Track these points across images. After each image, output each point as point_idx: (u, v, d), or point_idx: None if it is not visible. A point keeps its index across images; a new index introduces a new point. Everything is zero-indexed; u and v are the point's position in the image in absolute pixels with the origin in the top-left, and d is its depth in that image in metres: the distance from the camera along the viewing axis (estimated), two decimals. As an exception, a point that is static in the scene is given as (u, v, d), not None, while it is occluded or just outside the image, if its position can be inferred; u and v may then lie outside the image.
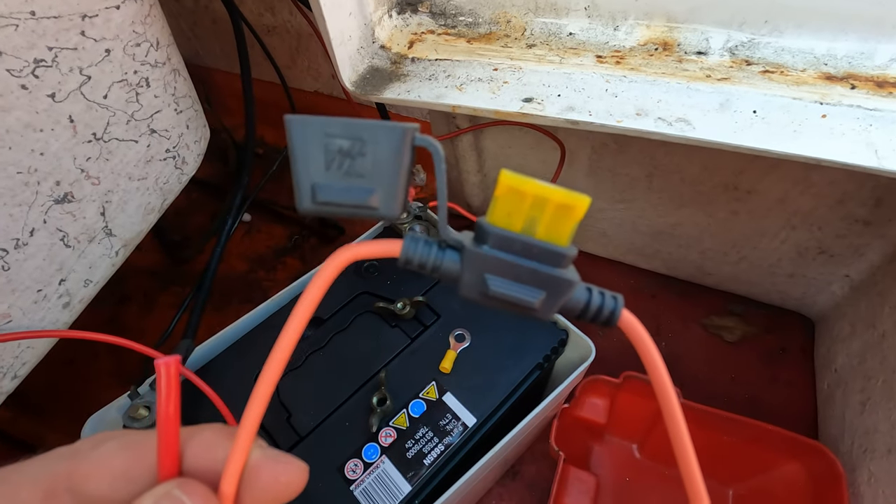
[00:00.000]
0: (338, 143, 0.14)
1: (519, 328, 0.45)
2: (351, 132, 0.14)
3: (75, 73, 0.32)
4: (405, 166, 0.14)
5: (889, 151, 0.26)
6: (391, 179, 0.15)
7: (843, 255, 0.59)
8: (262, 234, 0.88)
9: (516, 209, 0.14)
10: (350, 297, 0.48)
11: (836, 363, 0.59)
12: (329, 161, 0.14)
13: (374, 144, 0.14)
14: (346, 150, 0.14)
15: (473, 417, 0.40)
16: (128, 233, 0.40)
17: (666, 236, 0.68)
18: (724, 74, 0.32)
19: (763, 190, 0.56)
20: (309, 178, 0.15)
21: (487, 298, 0.15)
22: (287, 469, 0.14)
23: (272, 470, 0.13)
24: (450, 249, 0.15)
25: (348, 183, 0.15)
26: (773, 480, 0.53)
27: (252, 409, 0.14)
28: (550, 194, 0.14)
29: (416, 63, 0.38)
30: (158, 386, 0.14)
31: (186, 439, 0.14)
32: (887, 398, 0.48)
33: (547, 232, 0.14)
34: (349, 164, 0.14)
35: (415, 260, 0.15)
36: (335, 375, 0.43)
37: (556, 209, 0.14)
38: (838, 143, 0.27)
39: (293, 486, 0.14)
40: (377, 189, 0.15)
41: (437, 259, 0.15)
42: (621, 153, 0.59)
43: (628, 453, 0.59)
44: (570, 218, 0.14)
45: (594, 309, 0.15)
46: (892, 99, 0.28)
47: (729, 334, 0.68)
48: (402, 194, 0.15)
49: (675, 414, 0.16)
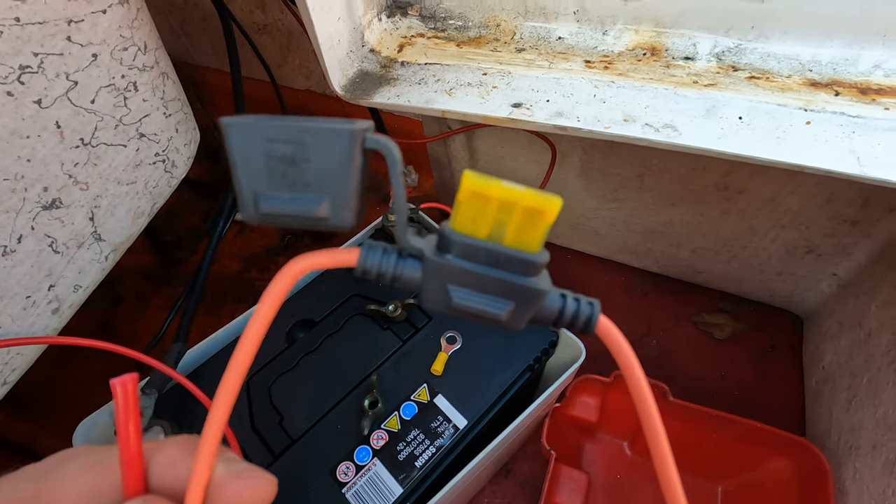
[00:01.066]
0: (280, 148, 0.13)
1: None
2: (293, 136, 0.13)
3: (62, 79, 0.32)
4: (356, 172, 0.13)
5: (871, 158, 0.27)
6: (341, 187, 0.13)
7: (830, 254, 0.59)
8: (254, 233, 0.88)
9: (481, 214, 0.13)
10: (342, 299, 0.48)
11: (823, 361, 0.60)
12: (271, 168, 0.13)
13: (319, 149, 0.13)
14: (290, 157, 0.13)
15: (465, 419, 0.41)
16: (117, 237, 0.40)
17: (657, 235, 0.68)
18: (711, 80, 0.32)
19: (753, 189, 0.57)
20: (250, 188, 0.13)
21: (450, 309, 0.14)
22: (251, 484, 0.13)
23: (235, 486, 0.13)
24: (410, 259, 0.14)
25: (294, 192, 0.13)
26: (761, 477, 0.54)
27: (211, 425, 0.13)
28: (518, 198, 0.13)
29: (405, 67, 0.38)
30: (116, 406, 0.13)
31: (150, 456, 0.14)
32: (873, 395, 0.48)
33: (516, 238, 0.13)
34: (294, 172, 0.13)
35: (372, 270, 0.14)
36: (327, 378, 0.43)
37: (524, 214, 0.13)
38: (822, 150, 0.28)
39: (259, 500, 0.13)
40: (326, 198, 0.13)
41: (397, 269, 0.14)
42: (612, 154, 0.60)
43: (619, 451, 0.60)
44: (541, 222, 0.13)
45: (569, 317, 0.14)
46: (874, 106, 0.29)
47: (719, 332, 0.69)
48: (356, 202, 0.14)
49: (652, 418, 0.16)
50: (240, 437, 0.40)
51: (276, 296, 0.14)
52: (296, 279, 0.14)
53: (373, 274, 0.14)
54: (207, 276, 0.54)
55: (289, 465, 0.39)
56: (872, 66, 0.30)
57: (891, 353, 0.48)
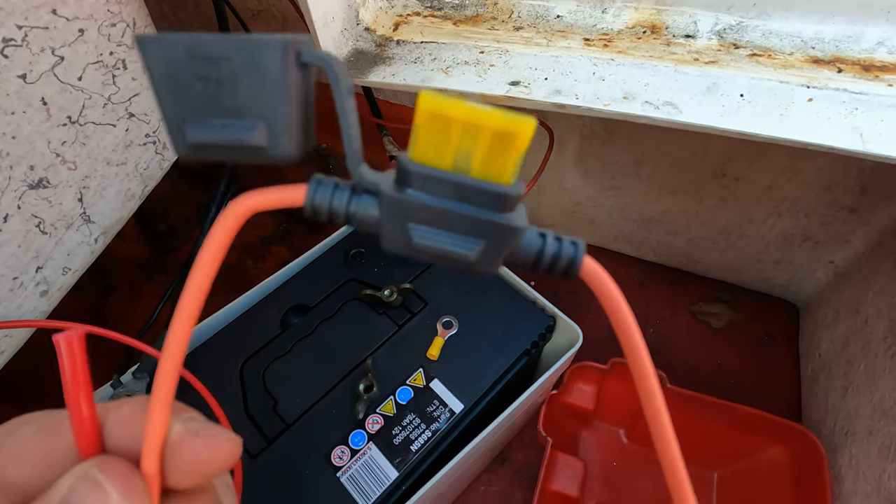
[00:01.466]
0: (205, 67, 0.11)
1: (507, 315, 0.45)
2: (219, 52, 0.11)
3: (47, 54, 0.31)
4: (293, 91, 0.12)
5: (874, 135, 0.26)
6: (277, 110, 0.12)
7: (828, 242, 0.59)
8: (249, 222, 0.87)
9: (444, 141, 0.11)
10: (337, 284, 0.47)
11: (820, 348, 0.60)
12: (198, 91, 0.12)
13: (249, 67, 0.11)
14: (217, 77, 0.11)
15: (461, 404, 0.40)
16: (107, 219, 0.39)
17: (655, 224, 0.68)
18: (712, 58, 0.32)
19: (751, 177, 0.56)
20: (176, 115, 0.12)
21: (412, 251, 0.13)
22: (209, 444, 0.13)
23: (192, 445, 0.12)
24: (366, 194, 0.13)
25: (225, 118, 0.12)
26: (756, 463, 0.54)
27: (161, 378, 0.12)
28: (484, 119, 0.11)
29: (401, 46, 0.37)
30: (61, 364, 0.12)
31: (105, 416, 0.13)
32: (869, 382, 0.48)
33: (484, 167, 0.12)
34: (224, 95, 0.12)
35: (323, 208, 0.12)
36: (322, 363, 0.43)
37: (493, 138, 0.11)
38: (824, 127, 0.27)
39: (219, 461, 0.13)
40: (261, 123, 0.12)
41: (350, 207, 0.12)
42: (610, 140, 0.59)
43: (616, 438, 0.60)
44: (513, 148, 0.11)
45: (549, 258, 0.13)
46: (877, 83, 0.28)
47: (716, 321, 0.69)
48: (297, 128, 0.12)
49: (644, 367, 0.14)
50: (233, 421, 0.39)
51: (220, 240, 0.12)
52: (241, 221, 0.12)
53: (324, 212, 0.13)
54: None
55: (283, 450, 0.39)
56: (876, 43, 0.30)
57: (887, 340, 0.48)
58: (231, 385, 0.42)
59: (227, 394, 0.41)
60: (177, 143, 0.12)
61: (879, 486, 0.43)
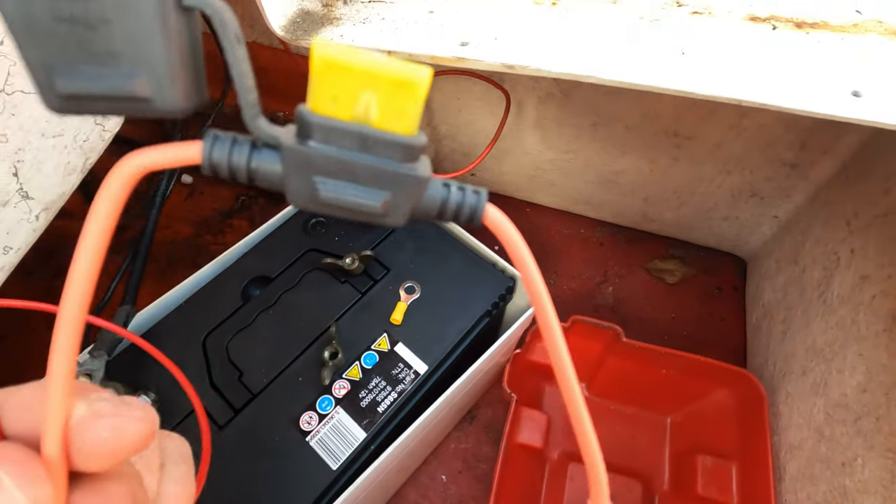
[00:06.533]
0: (67, 6, 0.10)
1: (468, 278, 0.46)
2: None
3: (-38, 16, 0.29)
4: (174, 34, 0.11)
5: (802, 90, 0.28)
6: (156, 56, 0.11)
7: (772, 197, 0.62)
8: (205, 196, 0.84)
9: (343, 91, 0.11)
10: (297, 254, 0.47)
11: (763, 298, 0.64)
12: (65, 35, 0.10)
13: (120, 6, 0.10)
14: (83, 18, 0.10)
15: (425, 365, 0.41)
16: (48, 195, 0.37)
17: (612, 185, 0.70)
18: (656, 16, 0.33)
19: (701, 136, 0.58)
20: (41, 63, 0.11)
21: (321, 206, 0.12)
22: (113, 424, 0.12)
23: (94, 427, 0.12)
24: (267, 149, 0.12)
25: (98, 66, 0.11)
26: (705, 406, 0.58)
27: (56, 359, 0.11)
28: (380, 69, 0.11)
29: (349, 5, 0.36)
30: None
31: (2, 402, 0.12)
32: (804, 326, 0.52)
33: (385, 118, 0.12)
34: (93, 38, 0.10)
35: (222, 165, 0.12)
36: (286, 333, 0.43)
37: (391, 88, 0.11)
38: (759, 83, 0.28)
39: (126, 442, 0.12)
40: (141, 72, 0.11)
41: (252, 163, 0.12)
42: (567, 103, 0.60)
43: (577, 391, 0.63)
44: (412, 98, 0.11)
45: (453, 208, 0.13)
46: (808, 39, 0.30)
47: (670, 276, 0.72)
48: (184, 77, 0.11)
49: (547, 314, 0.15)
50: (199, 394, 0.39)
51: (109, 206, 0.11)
52: (132, 182, 0.11)
53: (224, 169, 0.12)
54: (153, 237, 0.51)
55: (251, 419, 0.39)
56: (807, 1, 0.31)
57: (820, 287, 0.51)
58: (194, 358, 0.41)
59: (191, 367, 0.41)
60: (46, 96, 0.11)
61: (810, 419, 0.47)
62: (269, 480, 0.37)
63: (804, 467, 0.46)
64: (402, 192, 0.12)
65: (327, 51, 0.11)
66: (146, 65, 0.11)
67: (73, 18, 0.10)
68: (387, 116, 0.12)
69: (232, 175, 0.12)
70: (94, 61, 0.11)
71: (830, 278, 0.50)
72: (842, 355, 0.45)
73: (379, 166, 0.12)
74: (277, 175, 0.12)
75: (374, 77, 0.11)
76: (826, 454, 0.43)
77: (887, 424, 0.38)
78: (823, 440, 0.44)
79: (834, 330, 0.47)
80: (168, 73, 0.11)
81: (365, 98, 0.11)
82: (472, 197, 0.13)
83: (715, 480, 0.52)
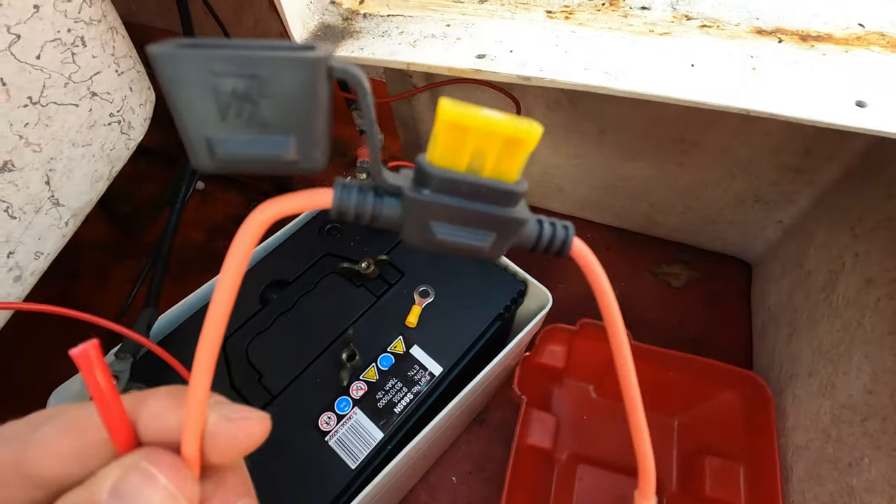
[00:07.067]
0: (230, 83, 0.11)
1: (480, 282, 0.47)
2: (245, 68, 0.11)
3: (2, 32, 0.30)
4: (323, 106, 0.12)
5: (808, 101, 0.29)
6: (307, 125, 0.12)
7: (776, 202, 0.63)
8: (217, 202, 0.86)
9: (460, 145, 0.12)
10: (313, 259, 0.48)
11: (769, 301, 0.65)
12: (224, 107, 0.11)
13: (277, 82, 0.11)
14: (243, 93, 0.11)
15: (440, 367, 0.42)
16: (76, 202, 0.39)
17: (618, 190, 0.71)
18: (666, 29, 0.34)
19: (707, 142, 0.59)
20: (201, 132, 0.12)
21: (433, 245, 0.14)
22: (244, 426, 0.14)
23: (228, 431, 0.14)
24: (388, 196, 0.13)
25: (254, 133, 0.12)
26: (712, 408, 0.59)
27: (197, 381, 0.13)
28: (498, 128, 0.12)
29: (368, 19, 0.38)
30: (84, 376, 0.12)
31: (136, 413, 0.14)
32: (810, 328, 0.53)
33: (495, 168, 0.13)
34: (250, 109, 0.12)
35: (350, 211, 0.13)
36: (303, 336, 0.44)
37: (504, 144, 0.12)
38: (766, 94, 0.30)
39: (254, 438, 0.14)
40: (292, 138, 0.12)
41: (375, 208, 0.13)
42: (574, 110, 0.61)
43: (585, 394, 0.64)
44: (521, 151, 0.13)
45: (545, 242, 0.15)
46: (813, 52, 0.31)
47: (676, 280, 0.73)
48: (325, 140, 0.13)
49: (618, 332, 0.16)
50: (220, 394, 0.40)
51: (250, 242, 0.13)
52: (266, 227, 0.13)
53: (350, 215, 0.13)
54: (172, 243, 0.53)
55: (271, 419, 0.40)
56: (812, 15, 0.32)
57: (826, 290, 0.52)
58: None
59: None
60: (199, 158, 0.12)
61: (817, 421, 0.48)
62: (290, 479, 0.38)
63: (811, 468, 0.47)
64: (506, 233, 0.14)
65: (452, 114, 0.12)
66: (296, 132, 0.12)
67: (231, 93, 0.11)
68: (496, 167, 0.13)
69: (357, 218, 0.13)
70: (249, 130, 0.12)
71: (836, 282, 0.51)
72: (848, 357, 0.45)
73: (488, 212, 0.13)
74: (397, 219, 0.13)
75: (493, 135, 0.12)
76: (833, 455, 0.44)
77: (893, 424, 0.38)
78: (830, 441, 0.45)
79: (840, 332, 0.48)
80: (316, 139, 0.12)
81: (481, 152, 0.13)
82: (561, 231, 0.15)
83: (723, 481, 0.53)
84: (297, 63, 0.11)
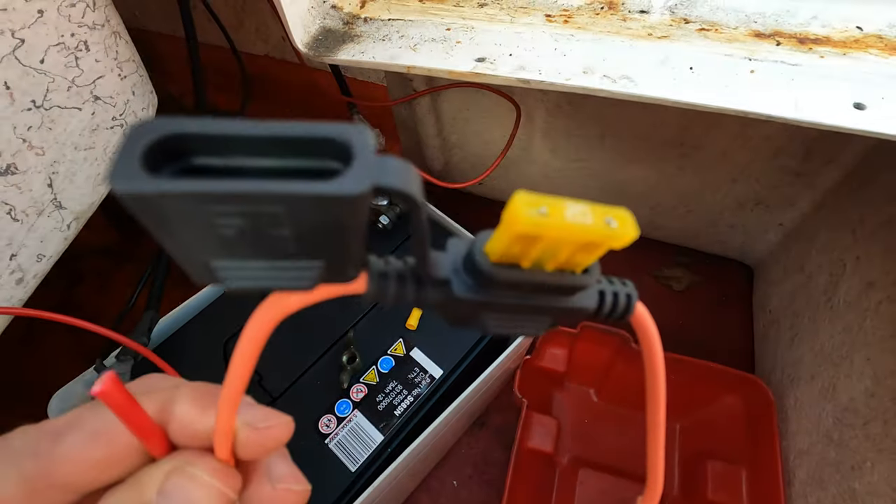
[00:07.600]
0: (234, 222, 0.09)
1: (481, 284, 0.47)
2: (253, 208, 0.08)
3: (7, 36, 0.31)
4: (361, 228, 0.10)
5: (806, 103, 0.29)
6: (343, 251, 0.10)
7: (777, 206, 0.63)
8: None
9: (529, 247, 0.11)
10: (314, 262, 0.48)
11: (770, 305, 0.65)
12: (227, 242, 0.09)
13: (304, 218, 0.09)
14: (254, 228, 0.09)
15: (440, 369, 0.42)
16: (79, 205, 0.39)
17: (619, 193, 0.71)
18: (665, 33, 0.34)
19: (707, 145, 0.60)
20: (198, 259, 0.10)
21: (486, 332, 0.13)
22: (271, 433, 0.15)
23: (257, 439, 0.14)
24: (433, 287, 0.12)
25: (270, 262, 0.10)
26: (714, 412, 0.59)
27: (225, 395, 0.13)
28: (584, 236, 0.10)
29: (368, 23, 0.38)
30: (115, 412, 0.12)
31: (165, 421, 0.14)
32: (812, 332, 0.53)
33: (565, 264, 0.11)
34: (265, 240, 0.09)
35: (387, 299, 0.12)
36: (303, 339, 0.44)
37: (585, 245, 0.10)
38: (764, 96, 0.30)
39: (281, 440, 0.15)
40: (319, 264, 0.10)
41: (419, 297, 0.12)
42: (575, 114, 0.61)
43: (586, 397, 0.63)
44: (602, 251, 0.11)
45: (604, 314, 0.13)
46: (811, 55, 0.31)
47: (677, 284, 0.73)
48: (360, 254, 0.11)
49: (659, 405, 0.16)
50: (220, 398, 0.41)
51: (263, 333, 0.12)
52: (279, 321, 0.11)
53: (388, 302, 0.12)
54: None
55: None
56: (810, 17, 0.32)
57: (827, 293, 0.52)
58: (215, 362, 0.43)
59: (212, 371, 0.42)
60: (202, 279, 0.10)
61: (819, 424, 0.48)
62: (290, 482, 0.38)
63: (813, 471, 0.47)
64: (563, 319, 0.13)
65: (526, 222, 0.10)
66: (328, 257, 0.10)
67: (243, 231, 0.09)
68: (567, 263, 0.11)
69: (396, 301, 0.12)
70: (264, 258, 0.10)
71: (837, 285, 0.51)
72: (849, 360, 0.45)
73: (548, 305, 0.12)
74: (441, 306, 0.12)
75: (576, 242, 0.10)
76: (835, 458, 0.44)
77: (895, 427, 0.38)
78: (832, 444, 0.45)
79: (841, 335, 0.47)
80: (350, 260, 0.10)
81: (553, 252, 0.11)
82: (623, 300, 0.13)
83: (725, 485, 0.53)
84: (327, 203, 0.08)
